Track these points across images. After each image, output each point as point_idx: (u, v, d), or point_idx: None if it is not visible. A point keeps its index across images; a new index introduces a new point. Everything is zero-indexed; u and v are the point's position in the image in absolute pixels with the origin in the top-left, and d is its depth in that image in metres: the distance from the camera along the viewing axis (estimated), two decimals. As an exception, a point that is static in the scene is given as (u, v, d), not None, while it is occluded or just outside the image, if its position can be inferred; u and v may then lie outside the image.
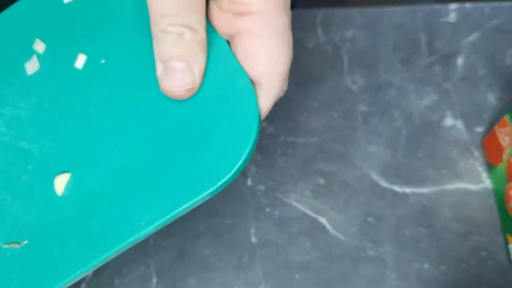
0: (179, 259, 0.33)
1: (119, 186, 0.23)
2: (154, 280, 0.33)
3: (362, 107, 0.37)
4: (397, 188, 0.35)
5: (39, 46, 0.26)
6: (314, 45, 0.39)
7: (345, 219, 0.34)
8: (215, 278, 0.33)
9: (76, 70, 0.25)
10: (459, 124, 0.36)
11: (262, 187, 0.35)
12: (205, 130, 0.22)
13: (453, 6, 0.39)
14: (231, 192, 0.35)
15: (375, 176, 0.35)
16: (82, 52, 0.25)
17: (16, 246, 0.24)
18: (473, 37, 0.38)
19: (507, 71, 0.37)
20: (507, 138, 0.32)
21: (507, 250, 0.32)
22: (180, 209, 0.22)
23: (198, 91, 0.22)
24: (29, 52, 0.26)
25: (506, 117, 0.32)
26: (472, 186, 0.34)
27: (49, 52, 0.26)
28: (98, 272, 0.34)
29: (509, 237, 0.32)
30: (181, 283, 0.33)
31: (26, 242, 0.23)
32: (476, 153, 0.35)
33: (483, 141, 0.35)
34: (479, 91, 0.37)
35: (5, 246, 0.24)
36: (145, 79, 0.23)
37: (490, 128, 0.36)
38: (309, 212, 0.34)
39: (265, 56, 0.22)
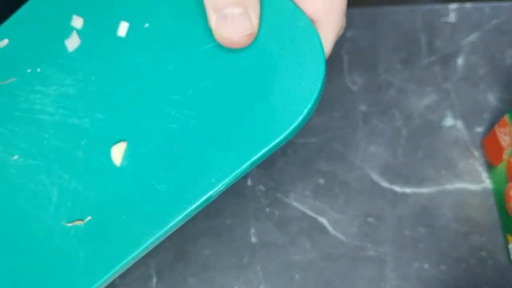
0: (179, 259, 0.33)
1: (182, 147, 0.22)
2: (154, 280, 0.33)
3: (362, 107, 0.37)
4: (397, 188, 0.35)
5: (77, 22, 0.25)
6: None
7: (345, 219, 0.34)
8: (215, 278, 0.33)
9: (120, 38, 0.24)
10: (459, 124, 0.36)
11: (262, 187, 0.35)
12: (270, 75, 0.21)
13: (453, 6, 0.39)
14: (231, 192, 0.35)
15: (375, 176, 0.35)
16: (124, 20, 0.25)
17: (80, 223, 0.23)
18: (473, 37, 0.38)
19: (507, 71, 0.37)
20: (507, 138, 0.32)
21: (507, 250, 0.32)
22: (251, 160, 0.21)
23: (256, 36, 0.22)
24: (68, 29, 0.25)
25: (506, 117, 0.32)
26: (472, 186, 0.34)
27: (89, 25, 0.25)
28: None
29: (509, 237, 0.32)
30: (181, 283, 0.33)
31: (89, 218, 0.23)
32: (476, 153, 0.35)
33: (483, 141, 0.35)
34: (479, 91, 0.37)
35: (68, 224, 0.23)
36: (195, 35, 0.23)
37: (490, 128, 0.36)
38: (309, 212, 0.34)
39: None
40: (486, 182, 0.34)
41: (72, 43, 0.25)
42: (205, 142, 0.22)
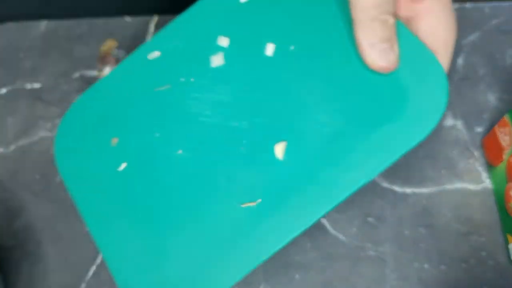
0: (179, 259, 0.33)
1: (334, 146, 0.26)
2: (154, 280, 0.33)
3: (362, 107, 0.37)
4: (397, 188, 0.35)
5: (223, 41, 0.30)
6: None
7: (345, 219, 0.34)
8: (215, 278, 0.33)
9: (267, 57, 0.29)
10: (459, 124, 0.36)
11: (262, 187, 0.35)
12: (403, 93, 0.26)
13: (453, 6, 0.39)
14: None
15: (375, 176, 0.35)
16: (270, 41, 0.29)
17: (252, 204, 0.27)
18: (473, 37, 0.38)
19: (507, 71, 0.37)
20: (507, 138, 0.32)
21: (507, 250, 0.32)
22: (391, 161, 0.25)
23: None
24: (214, 47, 0.30)
25: (506, 117, 0.32)
26: (472, 186, 0.34)
27: (235, 45, 0.29)
28: (97, 272, 0.34)
29: (509, 237, 0.32)
30: (181, 283, 0.33)
31: (259, 200, 0.27)
32: (476, 153, 0.35)
33: (483, 141, 0.35)
34: (479, 91, 0.37)
35: (242, 205, 0.27)
36: (340, 57, 0.27)
37: (490, 128, 0.36)
38: (309, 212, 0.34)
39: (444, 29, 0.26)
40: (486, 182, 0.34)
41: (217, 60, 0.29)
42: (353, 143, 0.26)
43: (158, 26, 0.40)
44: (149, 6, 0.42)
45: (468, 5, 0.39)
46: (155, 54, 0.31)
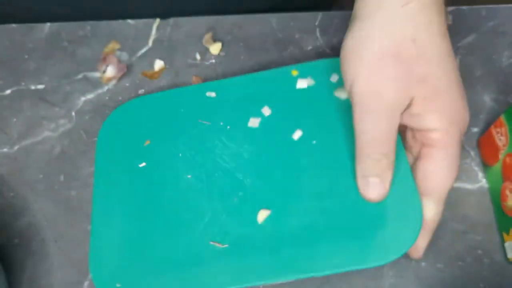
0: (180, 257, 0.34)
1: (314, 235, 0.29)
2: (156, 278, 0.33)
3: (360, 108, 0.37)
4: (395, 188, 0.35)
5: (266, 111, 0.34)
6: (313, 47, 0.40)
7: (343, 218, 0.34)
8: (216, 276, 0.33)
9: (292, 140, 0.33)
10: (456, 124, 0.36)
11: (261, 187, 0.35)
12: (382, 221, 0.29)
13: (450, 8, 0.40)
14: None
15: (373, 176, 0.35)
16: (300, 128, 0.33)
17: (219, 246, 0.30)
18: (469, 38, 0.38)
19: (503, 72, 0.37)
20: (503, 138, 0.32)
21: (503, 248, 0.33)
22: (352, 267, 0.29)
23: None
24: (257, 112, 0.34)
25: (502, 118, 0.32)
26: (468, 186, 0.35)
27: (274, 117, 0.34)
28: (100, 270, 0.34)
29: (505, 235, 0.32)
30: (182, 280, 0.33)
31: (226, 245, 0.30)
32: (473, 153, 0.35)
33: (479, 141, 0.36)
34: (476, 91, 0.37)
35: (211, 242, 0.31)
36: (343, 169, 0.31)
37: (486, 128, 0.36)
38: (308, 211, 0.35)
39: (440, 176, 0.29)
40: (482, 182, 0.35)
41: (254, 122, 0.34)
42: (323, 242, 0.29)
43: (160, 29, 0.41)
44: (149, 9, 0.42)
45: (464, 7, 0.39)
46: (212, 94, 0.36)
